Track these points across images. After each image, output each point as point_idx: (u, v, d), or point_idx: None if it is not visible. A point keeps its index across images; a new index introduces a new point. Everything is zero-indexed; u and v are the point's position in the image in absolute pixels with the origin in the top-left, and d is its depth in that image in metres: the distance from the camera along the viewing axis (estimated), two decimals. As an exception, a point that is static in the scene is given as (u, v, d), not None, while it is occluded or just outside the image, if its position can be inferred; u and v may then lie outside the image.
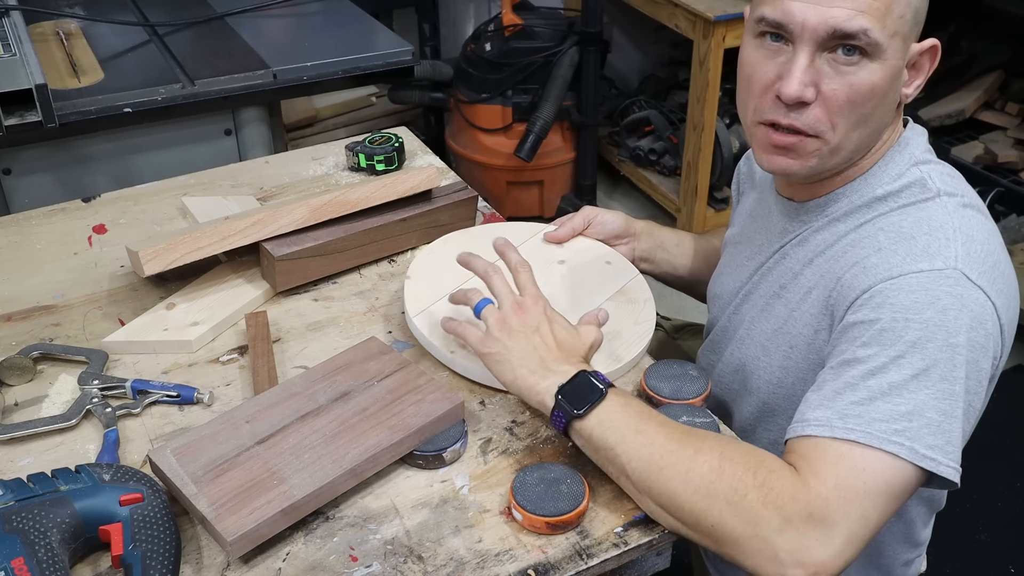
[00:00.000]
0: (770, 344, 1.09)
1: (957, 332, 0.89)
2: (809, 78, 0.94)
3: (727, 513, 0.85)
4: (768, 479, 0.85)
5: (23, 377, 1.10)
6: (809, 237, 1.06)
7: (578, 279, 1.23)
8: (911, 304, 0.90)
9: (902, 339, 0.89)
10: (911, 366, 0.88)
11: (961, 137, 3.04)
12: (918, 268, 0.92)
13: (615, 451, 0.91)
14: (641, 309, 1.19)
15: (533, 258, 1.10)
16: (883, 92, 0.95)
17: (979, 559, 1.96)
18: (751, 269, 1.16)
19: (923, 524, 1.19)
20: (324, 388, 1.02)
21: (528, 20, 2.88)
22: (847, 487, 0.84)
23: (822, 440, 0.87)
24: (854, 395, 0.89)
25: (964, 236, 0.94)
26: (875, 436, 0.86)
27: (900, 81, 0.97)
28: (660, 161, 3.05)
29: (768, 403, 1.12)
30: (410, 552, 0.89)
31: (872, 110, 0.96)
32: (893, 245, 0.95)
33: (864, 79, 0.93)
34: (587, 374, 0.94)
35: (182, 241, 1.18)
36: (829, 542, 0.83)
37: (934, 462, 0.86)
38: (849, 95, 0.94)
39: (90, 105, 1.70)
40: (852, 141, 0.98)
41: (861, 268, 0.96)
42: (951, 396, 0.88)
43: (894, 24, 0.92)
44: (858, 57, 0.93)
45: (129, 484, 0.89)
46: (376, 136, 1.56)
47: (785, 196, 1.11)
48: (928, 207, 0.98)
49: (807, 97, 0.94)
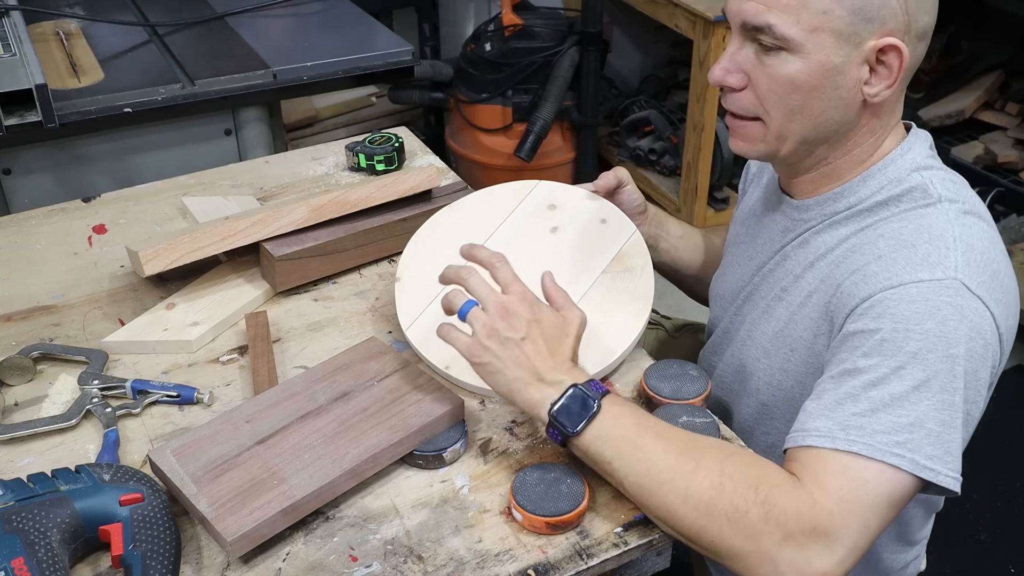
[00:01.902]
0: (771, 347, 1.09)
1: (957, 343, 0.89)
2: (735, 65, 1.00)
3: (727, 529, 0.85)
4: (771, 495, 0.84)
5: (23, 377, 1.10)
6: (810, 239, 1.06)
7: (573, 248, 1.18)
8: (911, 315, 0.90)
9: (903, 350, 0.89)
10: (912, 377, 0.88)
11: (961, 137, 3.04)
12: (918, 278, 0.92)
13: (612, 465, 0.90)
14: (639, 279, 1.16)
15: (527, 225, 1.07)
16: (810, 86, 0.96)
17: (979, 559, 1.96)
18: (752, 269, 1.16)
19: (920, 524, 1.19)
20: (324, 388, 1.02)
21: (528, 20, 2.88)
22: (851, 499, 0.84)
23: (824, 451, 0.87)
24: (855, 406, 0.88)
25: (964, 245, 0.94)
26: (877, 448, 0.86)
27: (843, 78, 0.95)
28: (660, 161, 3.05)
29: (767, 405, 1.12)
30: (410, 552, 0.89)
31: (803, 102, 0.97)
32: (893, 253, 0.95)
33: (781, 71, 0.96)
34: (580, 388, 0.91)
35: (182, 241, 1.18)
36: (832, 554, 0.83)
37: (933, 472, 0.86)
38: (769, 84, 0.98)
39: (90, 105, 1.70)
40: (795, 132, 1.00)
41: (861, 276, 0.96)
42: (951, 407, 0.88)
43: (813, 19, 0.92)
44: (777, 49, 0.95)
45: (129, 484, 0.89)
46: (376, 136, 1.56)
47: (786, 192, 1.11)
48: (929, 213, 0.97)
49: (729, 82, 1.01)
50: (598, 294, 1.15)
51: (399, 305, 1.15)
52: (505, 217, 1.11)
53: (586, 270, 1.17)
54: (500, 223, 1.20)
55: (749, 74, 0.99)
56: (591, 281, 1.16)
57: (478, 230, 1.14)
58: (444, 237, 1.20)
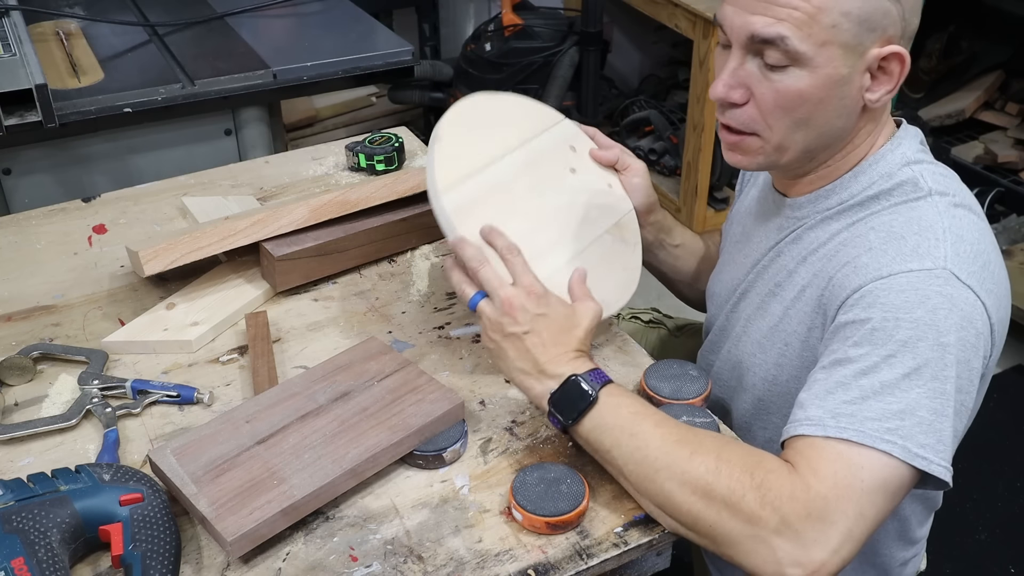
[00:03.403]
0: (766, 342, 1.10)
1: (947, 331, 0.89)
2: (737, 80, 0.98)
3: (725, 514, 0.85)
4: (766, 480, 0.85)
5: (23, 377, 1.10)
6: (803, 235, 1.07)
7: (582, 199, 1.17)
8: (901, 303, 0.91)
9: (893, 338, 0.89)
10: (902, 365, 0.89)
11: (961, 137, 3.04)
12: (908, 268, 0.93)
13: (611, 454, 0.92)
14: (631, 254, 1.17)
15: (549, 155, 1.08)
16: (817, 99, 0.95)
17: (979, 559, 1.96)
18: (747, 267, 1.16)
19: (919, 522, 1.19)
20: (324, 388, 1.02)
21: (528, 20, 2.88)
22: (845, 485, 0.85)
23: (817, 439, 0.88)
24: (846, 394, 0.89)
25: (954, 236, 0.95)
26: (868, 435, 0.86)
27: (848, 88, 0.96)
28: (660, 161, 3.05)
29: (763, 400, 1.12)
30: (410, 552, 0.89)
31: (809, 114, 0.97)
32: (883, 245, 0.96)
33: (790, 85, 0.95)
34: (577, 379, 0.93)
35: (182, 241, 1.18)
36: (827, 541, 0.83)
37: (926, 461, 0.87)
38: (776, 99, 0.96)
39: (90, 105, 1.70)
40: (797, 142, 0.99)
41: (852, 268, 0.97)
42: (942, 395, 0.89)
43: (824, 33, 0.92)
44: (785, 63, 0.94)
45: (129, 484, 0.89)
46: (376, 136, 1.56)
47: (780, 192, 1.12)
48: (919, 206, 0.98)
49: (732, 98, 0.99)
50: (597, 251, 1.14)
51: (438, 166, 1.05)
52: (532, 137, 1.11)
53: (592, 224, 1.16)
54: (527, 140, 1.18)
55: (752, 89, 0.98)
56: (594, 236, 1.15)
57: (509, 137, 1.13)
58: (483, 120, 1.16)
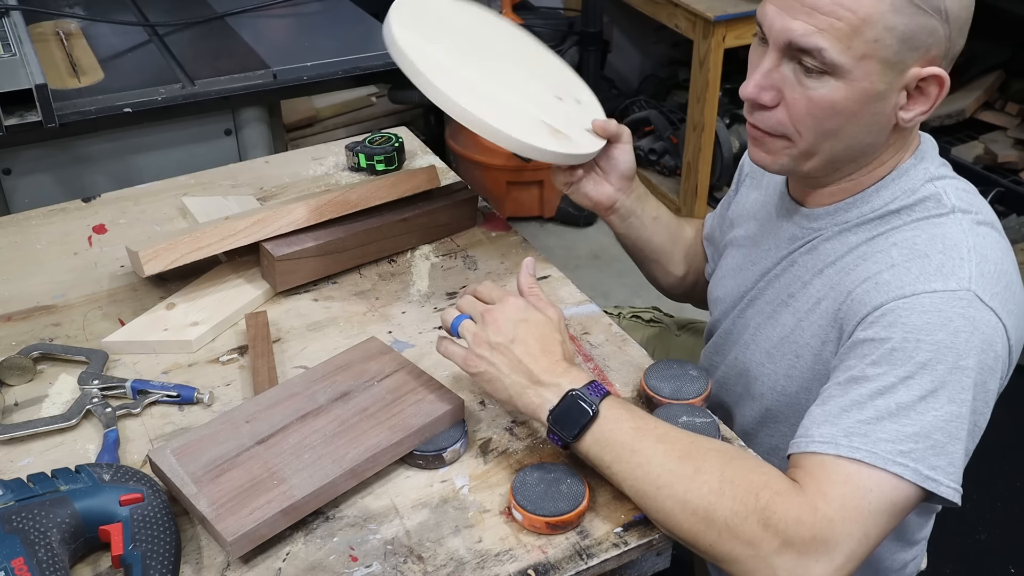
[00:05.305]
0: (776, 352, 1.09)
1: (967, 354, 0.88)
2: (770, 82, 0.96)
3: (725, 535, 0.84)
4: (772, 502, 0.84)
5: (23, 377, 1.10)
6: (819, 245, 1.05)
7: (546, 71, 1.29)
8: (923, 325, 0.89)
9: (912, 360, 0.88)
10: (920, 387, 0.88)
11: (961, 137, 3.04)
12: (932, 288, 0.91)
13: (612, 469, 0.90)
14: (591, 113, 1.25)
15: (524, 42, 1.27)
16: (850, 112, 0.93)
17: (979, 559, 1.96)
18: (757, 274, 1.15)
19: (919, 524, 1.19)
20: (324, 388, 1.02)
21: (528, 20, 2.88)
22: (852, 507, 0.84)
23: (828, 458, 0.87)
24: (861, 414, 0.88)
25: (978, 256, 0.93)
26: (880, 456, 0.86)
27: (883, 104, 0.94)
28: (660, 161, 3.05)
29: (771, 409, 1.11)
30: (410, 552, 0.89)
31: (839, 126, 0.95)
32: (907, 262, 0.94)
33: (824, 95, 0.93)
34: (576, 394, 0.91)
35: (182, 241, 1.18)
36: (830, 562, 0.83)
37: (935, 483, 0.86)
38: (808, 107, 0.94)
39: (90, 105, 1.70)
40: (824, 151, 0.98)
41: (873, 284, 0.95)
42: (957, 418, 0.88)
43: (863, 47, 0.90)
44: (820, 71, 0.92)
45: (129, 484, 0.89)
46: (376, 136, 1.56)
47: (796, 200, 1.10)
48: (943, 223, 0.96)
49: (763, 100, 0.97)
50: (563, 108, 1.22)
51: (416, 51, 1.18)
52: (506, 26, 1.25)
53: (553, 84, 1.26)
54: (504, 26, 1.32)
55: (784, 92, 0.95)
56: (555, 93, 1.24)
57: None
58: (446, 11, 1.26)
